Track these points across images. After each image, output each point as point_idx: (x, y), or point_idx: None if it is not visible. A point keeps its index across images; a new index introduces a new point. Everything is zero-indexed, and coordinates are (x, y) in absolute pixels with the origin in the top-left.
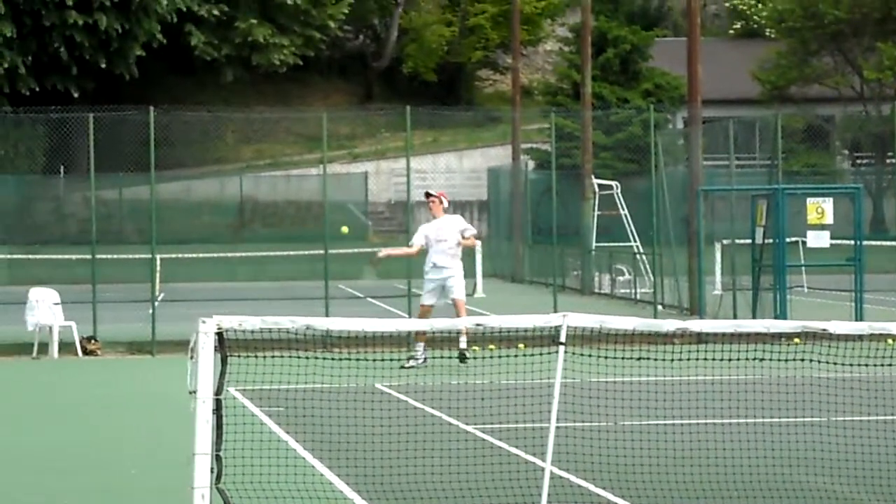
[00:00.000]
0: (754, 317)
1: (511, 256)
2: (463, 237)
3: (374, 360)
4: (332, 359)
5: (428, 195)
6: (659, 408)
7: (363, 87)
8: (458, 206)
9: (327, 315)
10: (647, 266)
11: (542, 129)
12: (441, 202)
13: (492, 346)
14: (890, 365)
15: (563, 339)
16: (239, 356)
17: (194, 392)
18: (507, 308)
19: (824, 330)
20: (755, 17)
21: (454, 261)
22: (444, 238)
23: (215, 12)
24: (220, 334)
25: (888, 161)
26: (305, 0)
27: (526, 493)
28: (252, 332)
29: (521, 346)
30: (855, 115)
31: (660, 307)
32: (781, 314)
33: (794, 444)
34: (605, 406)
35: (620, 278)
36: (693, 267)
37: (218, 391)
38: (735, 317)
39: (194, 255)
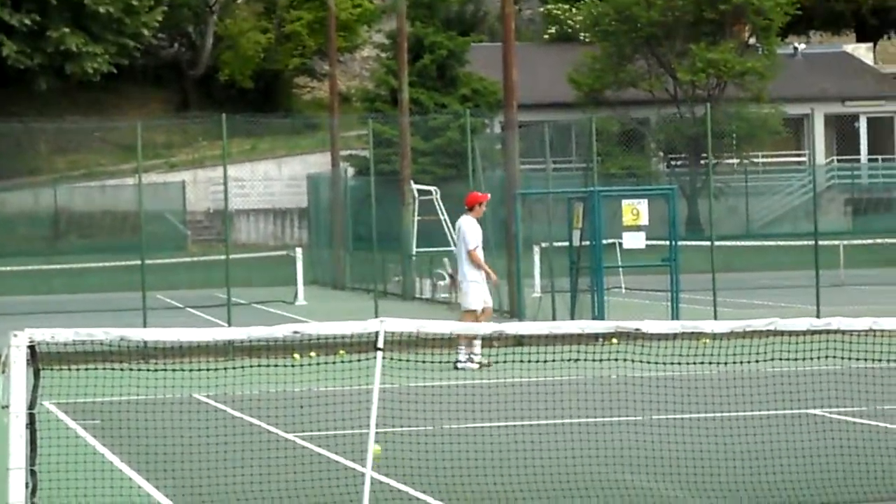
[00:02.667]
0: (572, 318)
1: (332, 263)
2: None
3: (192, 371)
4: (149, 370)
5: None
6: (478, 410)
7: (179, 96)
8: (278, 214)
9: (145, 326)
10: None
11: (360, 136)
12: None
13: (312, 354)
14: (702, 363)
15: (380, 344)
16: (53, 369)
17: (7, 406)
18: (329, 315)
19: (637, 330)
20: (569, 22)
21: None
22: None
23: (27, 21)
24: (32, 347)
25: (702, 162)
26: (118, 8)
27: (346, 500)
28: (65, 344)
29: (341, 352)
30: (669, 117)
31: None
32: (599, 315)
33: (610, 443)
34: (425, 410)
35: (441, 283)
36: (512, 270)
37: (31, 405)
38: (554, 318)
39: (8, 269)
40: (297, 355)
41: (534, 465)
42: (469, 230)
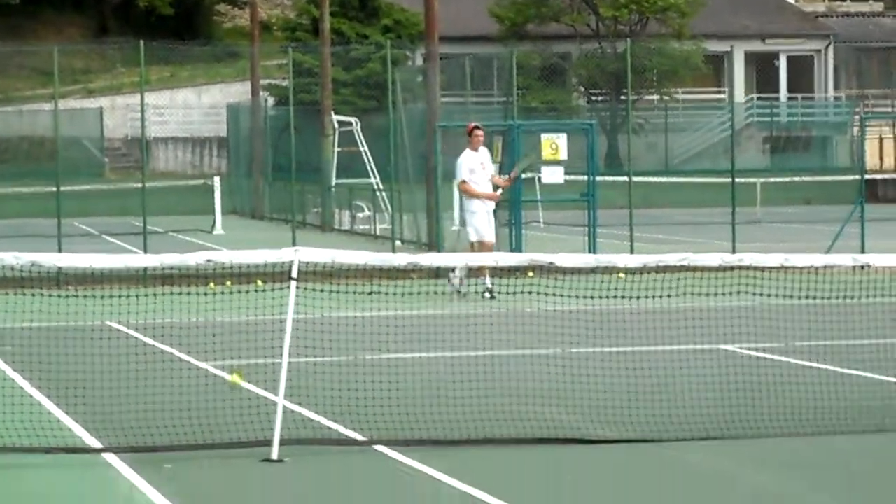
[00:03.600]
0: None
1: (251, 193)
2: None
3: (105, 298)
4: (61, 296)
5: (477, 127)
6: (392, 341)
7: (97, 21)
8: (196, 143)
9: (60, 252)
10: (387, 202)
11: (281, 65)
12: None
13: (228, 283)
14: (616, 297)
15: (294, 274)
16: None
17: None
18: (246, 244)
19: (552, 263)
20: None
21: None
22: (487, 170)
23: None
24: None
25: (623, 98)
26: None
27: (258, 428)
28: None
29: (258, 282)
30: (591, 52)
31: (398, 243)
32: (517, 248)
33: (523, 376)
34: (339, 341)
35: (360, 214)
36: (431, 203)
37: None
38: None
39: None
40: (212, 284)
41: (447, 396)
42: (460, 163)
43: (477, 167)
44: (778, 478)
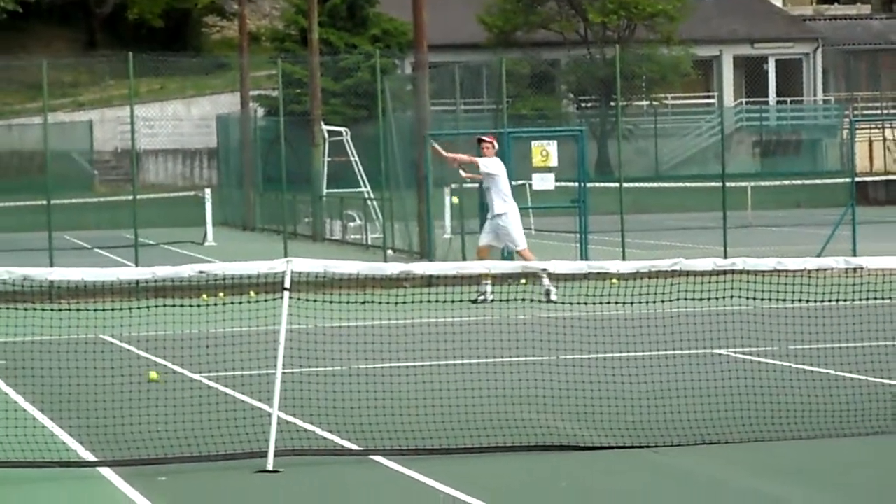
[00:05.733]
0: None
1: (242, 204)
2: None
3: (97, 311)
4: (54, 310)
5: (481, 139)
6: (386, 351)
7: (86, 34)
8: (187, 155)
9: (51, 266)
10: (378, 211)
11: (270, 76)
12: (493, 146)
13: (221, 294)
14: (609, 303)
15: (287, 284)
16: None
17: None
18: (238, 256)
19: (544, 270)
20: None
21: (507, 204)
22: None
23: None
24: None
25: (612, 104)
26: None
27: (253, 439)
28: None
29: (251, 293)
30: (580, 59)
31: (390, 252)
32: (508, 256)
33: (518, 383)
34: (333, 351)
35: (351, 224)
36: (422, 211)
37: None
38: (464, 260)
39: None
40: (205, 296)
41: (441, 404)
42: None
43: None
44: (773, 483)
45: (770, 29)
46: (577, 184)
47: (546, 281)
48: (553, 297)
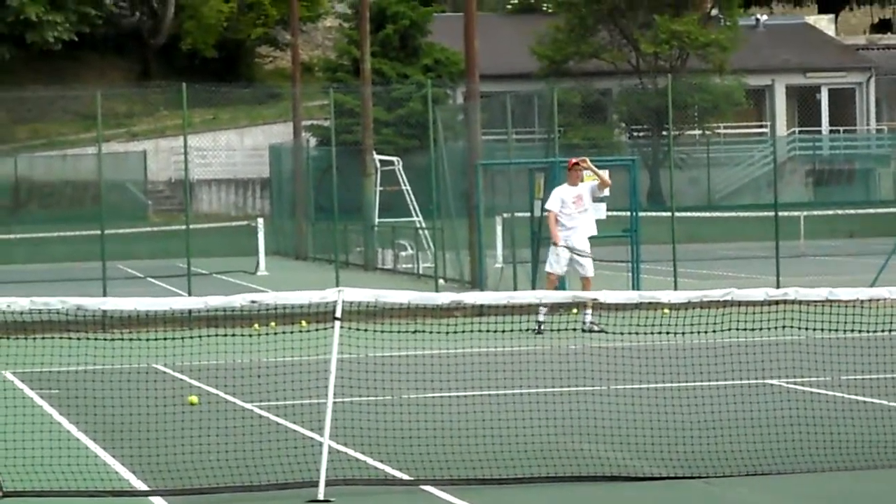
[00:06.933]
0: (533, 289)
1: (294, 234)
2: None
3: (150, 340)
4: (107, 339)
5: (577, 163)
6: (437, 380)
7: (140, 65)
8: (239, 184)
9: (105, 296)
10: (430, 241)
11: (322, 106)
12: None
13: (273, 324)
14: (661, 333)
15: (338, 314)
16: (9, 338)
17: None
18: (290, 285)
19: (595, 300)
20: None
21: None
22: (585, 204)
23: None
24: None
25: (664, 133)
26: None
27: (304, 469)
28: (21, 313)
29: (303, 322)
30: (631, 88)
31: (441, 281)
32: (560, 286)
33: (569, 413)
34: (384, 380)
35: (403, 253)
36: (473, 241)
37: None
38: (515, 289)
39: None
40: (257, 325)
41: (492, 434)
42: (553, 193)
43: (569, 201)
44: None
45: (823, 58)
46: (629, 213)
47: (589, 313)
48: (595, 328)
